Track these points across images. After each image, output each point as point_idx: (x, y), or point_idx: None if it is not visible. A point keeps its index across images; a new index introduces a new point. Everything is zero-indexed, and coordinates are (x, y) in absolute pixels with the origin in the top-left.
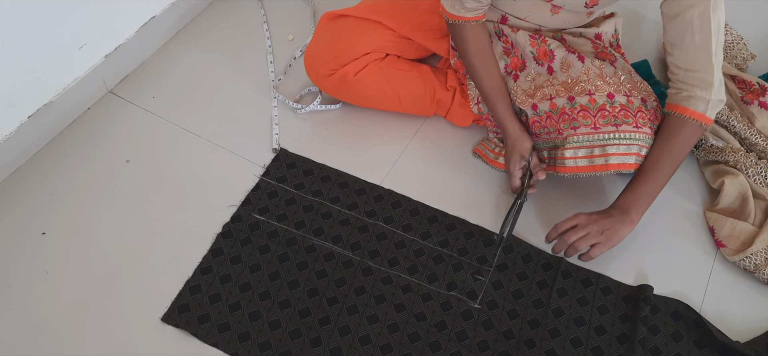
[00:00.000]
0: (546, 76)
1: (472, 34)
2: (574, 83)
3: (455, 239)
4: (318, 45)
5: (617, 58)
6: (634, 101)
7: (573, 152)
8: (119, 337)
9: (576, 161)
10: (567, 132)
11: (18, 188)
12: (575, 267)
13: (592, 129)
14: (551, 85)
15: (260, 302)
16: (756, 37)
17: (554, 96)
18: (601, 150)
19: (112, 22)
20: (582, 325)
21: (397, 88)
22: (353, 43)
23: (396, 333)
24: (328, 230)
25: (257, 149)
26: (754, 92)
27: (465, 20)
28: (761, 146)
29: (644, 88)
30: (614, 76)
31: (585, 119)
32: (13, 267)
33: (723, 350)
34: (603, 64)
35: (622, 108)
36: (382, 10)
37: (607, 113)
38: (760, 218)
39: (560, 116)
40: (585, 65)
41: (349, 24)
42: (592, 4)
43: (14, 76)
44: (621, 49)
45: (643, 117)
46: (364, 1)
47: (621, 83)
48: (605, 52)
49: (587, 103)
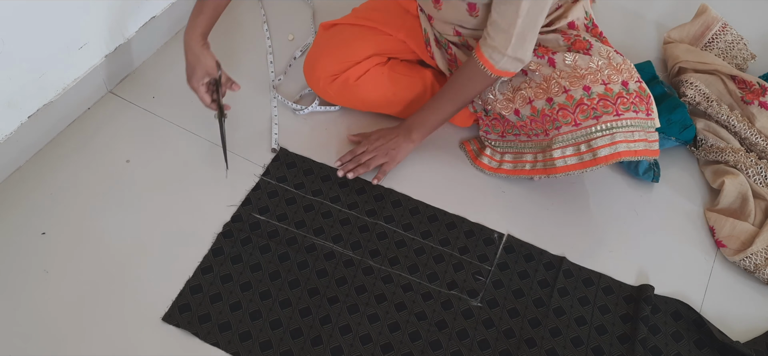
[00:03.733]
0: (522, 77)
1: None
2: (549, 83)
3: (456, 237)
4: (318, 52)
5: (592, 44)
6: (613, 87)
7: (561, 151)
8: (120, 337)
9: (565, 160)
10: (552, 133)
11: (18, 188)
12: (577, 266)
13: (574, 126)
14: (529, 86)
15: (261, 301)
16: (756, 37)
17: (533, 99)
18: (587, 146)
19: (112, 22)
20: (583, 324)
21: (399, 92)
22: (354, 47)
23: (397, 332)
24: (328, 229)
25: (257, 149)
26: (754, 92)
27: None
28: (761, 146)
29: (626, 68)
30: (590, 65)
31: (565, 118)
32: (13, 267)
33: (723, 350)
34: (576, 56)
35: (600, 98)
36: (377, 18)
37: (585, 107)
38: (760, 218)
39: (542, 118)
40: (557, 67)
41: (347, 30)
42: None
43: (14, 76)
44: (597, 30)
45: (625, 102)
46: (357, 10)
47: (598, 71)
48: (579, 41)
49: (565, 101)
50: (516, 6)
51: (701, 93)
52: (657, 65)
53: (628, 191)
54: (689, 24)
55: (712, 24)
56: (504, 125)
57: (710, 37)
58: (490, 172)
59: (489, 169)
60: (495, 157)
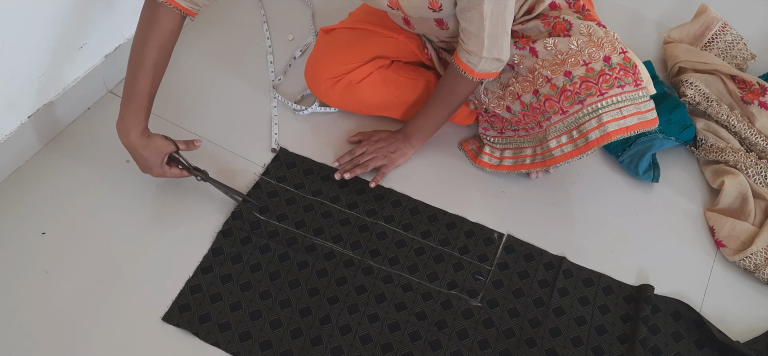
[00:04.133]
0: (510, 72)
1: (167, 21)
2: (533, 75)
3: (456, 237)
4: (319, 55)
5: (572, 24)
6: (594, 66)
7: (556, 141)
8: (120, 337)
9: (562, 149)
10: (545, 124)
11: (18, 188)
12: (577, 266)
13: (562, 114)
14: (516, 81)
15: (261, 301)
16: (756, 37)
17: (521, 94)
18: (578, 131)
19: (112, 22)
20: (583, 324)
21: (401, 95)
22: (356, 50)
23: (397, 332)
24: (328, 229)
25: (257, 149)
26: (754, 92)
27: (170, 3)
28: (761, 146)
29: (607, 41)
30: (570, 47)
31: (552, 108)
32: (13, 267)
33: (723, 350)
34: (557, 40)
35: (582, 81)
36: (376, 21)
37: (569, 94)
38: (760, 218)
39: (533, 112)
40: (539, 56)
41: (348, 33)
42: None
43: (14, 76)
44: (580, 3)
45: (607, 79)
46: (354, 13)
47: (578, 51)
48: (559, 23)
49: (549, 91)
50: (479, 11)
51: (701, 93)
52: (657, 65)
53: (628, 191)
54: (689, 24)
55: (712, 24)
56: (503, 121)
57: (710, 37)
58: (492, 170)
59: (490, 167)
60: (495, 154)
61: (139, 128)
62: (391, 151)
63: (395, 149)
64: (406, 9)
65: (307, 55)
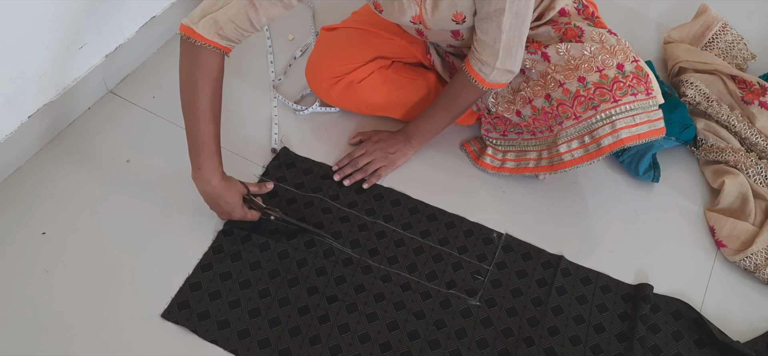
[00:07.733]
0: (520, 77)
1: (212, 62)
2: (545, 79)
3: (454, 237)
4: (320, 55)
5: (584, 30)
6: (608, 73)
7: (566, 146)
8: (119, 334)
9: (572, 154)
10: (556, 129)
11: (18, 188)
12: (575, 265)
13: (575, 120)
14: (527, 86)
15: (260, 299)
16: (756, 37)
17: (532, 99)
18: (590, 137)
19: (112, 22)
20: (581, 323)
21: (402, 95)
22: (357, 50)
23: (395, 331)
24: (327, 227)
25: (257, 149)
26: (755, 92)
27: (210, 44)
28: (761, 146)
29: (620, 49)
30: (583, 53)
31: (565, 113)
32: (13, 267)
33: (723, 349)
34: (569, 46)
35: (596, 87)
36: (378, 22)
37: (583, 99)
38: (761, 218)
39: (545, 116)
40: (552, 61)
41: (350, 33)
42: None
43: (15, 76)
44: (589, 10)
45: (621, 87)
46: (357, 13)
47: (591, 58)
48: (570, 29)
49: (562, 95)
50: (498, 23)
51: (701, 93)
52: (657, 65)
53: (628, 191)
54: (689, 24)
55: (713, 24)
56: (506, 123)
57: (710, 37)
58: (493, 171)
59: (492, 168)
60: (497, 156)
61: (219, 173)
62: (391, 151)
63: (395, 150)
64: (429, 23)
65: (308, 55)
